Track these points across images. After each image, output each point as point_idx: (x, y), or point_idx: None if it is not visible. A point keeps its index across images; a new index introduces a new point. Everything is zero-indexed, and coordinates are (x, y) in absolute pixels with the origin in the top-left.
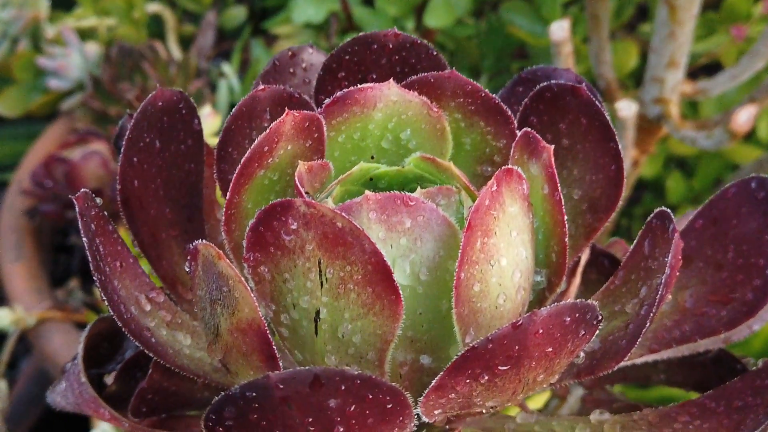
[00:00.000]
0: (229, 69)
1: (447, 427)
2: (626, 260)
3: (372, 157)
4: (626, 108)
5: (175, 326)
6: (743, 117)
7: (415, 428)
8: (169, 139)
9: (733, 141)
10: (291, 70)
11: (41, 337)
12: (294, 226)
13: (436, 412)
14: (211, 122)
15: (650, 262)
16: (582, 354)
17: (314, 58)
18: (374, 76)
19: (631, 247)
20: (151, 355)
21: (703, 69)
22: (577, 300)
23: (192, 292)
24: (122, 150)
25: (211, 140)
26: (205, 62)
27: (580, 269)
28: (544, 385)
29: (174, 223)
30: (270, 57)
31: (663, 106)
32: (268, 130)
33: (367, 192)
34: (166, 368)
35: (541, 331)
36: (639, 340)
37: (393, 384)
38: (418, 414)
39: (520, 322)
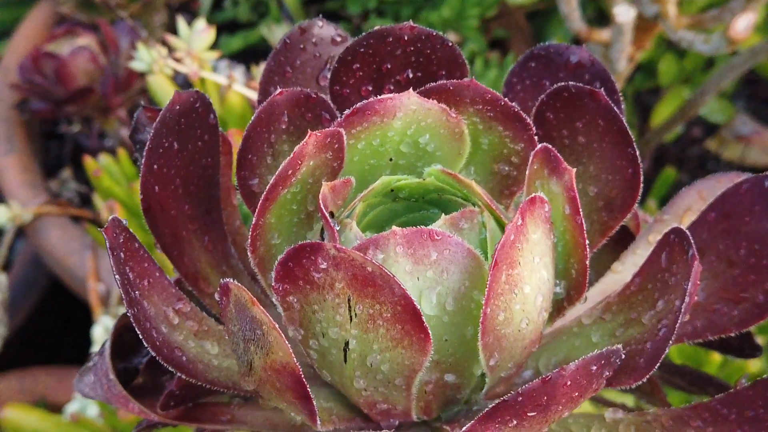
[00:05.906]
0: None
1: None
2: (642, 267)
3: (390, 159)
4: (624, 13)
5: (203, 335)
6: (742, 24)
7: None
8: (186, 138)
9: (731, 47)
10: (301, 46)
11: (38, 231)
12: (323, 266)
13: None
14: (206, 37)
15: (667, 276)
16: None
17: (324, 31)
18: (389, 67)
19: (647, 254)
20: (183, 376)
21: None
22: (604, 349)
23: (224, 326)
24: (143, 159)
25: (208, 54)
26: None
27: None
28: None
29: (193, 217)
30: None
31: (660, 6)
32: (291, 155)
33: (394, 227)
34: None
35: (569, 383)
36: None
37: None
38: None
39: (549, 377)
